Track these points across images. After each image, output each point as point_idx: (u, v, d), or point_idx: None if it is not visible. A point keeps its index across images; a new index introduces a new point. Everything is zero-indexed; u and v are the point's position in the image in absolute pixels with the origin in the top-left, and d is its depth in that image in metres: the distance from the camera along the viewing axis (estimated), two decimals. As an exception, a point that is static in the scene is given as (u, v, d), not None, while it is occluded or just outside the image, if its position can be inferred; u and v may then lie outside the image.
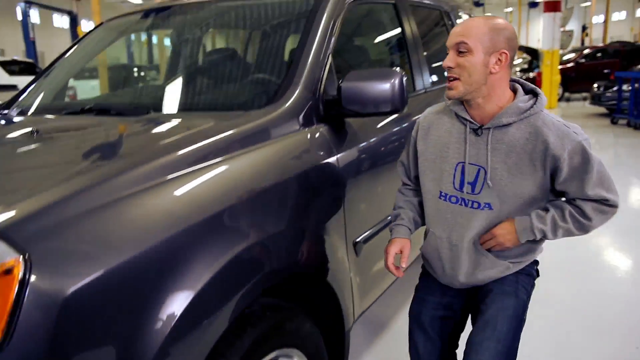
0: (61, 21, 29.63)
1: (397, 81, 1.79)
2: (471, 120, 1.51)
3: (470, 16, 3.30)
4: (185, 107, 2.01)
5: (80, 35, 3.52)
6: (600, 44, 23.99)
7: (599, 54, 14.65)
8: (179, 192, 1.23)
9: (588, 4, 33.92)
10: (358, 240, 1.92)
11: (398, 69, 1.86)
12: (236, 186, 1.35)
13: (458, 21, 3.48)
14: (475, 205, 1.53)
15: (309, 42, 1.92)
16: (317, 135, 1.77)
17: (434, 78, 2.90)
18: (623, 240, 3.99)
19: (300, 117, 1.74)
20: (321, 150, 1.75)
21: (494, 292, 1.57)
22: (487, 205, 1.51)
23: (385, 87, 1.79)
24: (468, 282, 1.62)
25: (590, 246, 3.87)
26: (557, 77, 13.12)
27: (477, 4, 30.83)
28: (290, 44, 2.13)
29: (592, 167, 1.44)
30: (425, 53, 2.81)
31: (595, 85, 11.24)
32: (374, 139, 2.09)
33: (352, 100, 1.80)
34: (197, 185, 1.28)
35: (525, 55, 15.67)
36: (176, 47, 2.66)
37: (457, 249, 1.58)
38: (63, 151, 1.50)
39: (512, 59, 1.46)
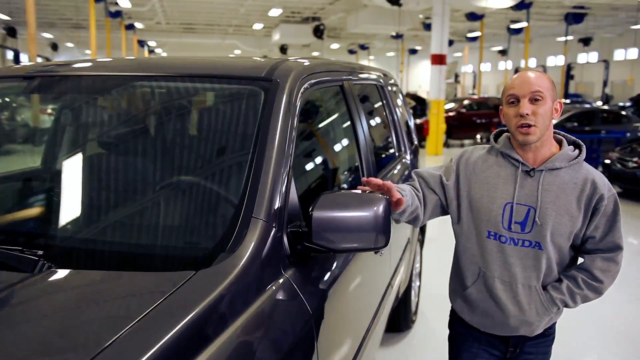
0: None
1: (381, 209, 1.42)
2: (524, 162, 1.62)
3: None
4: (94, 258, 1.39)
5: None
6: (473, 94, 26.17)
7: (476, 106, 15.80)
8: None
9: (459, 54, 37.10)
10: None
11: (380, 194, 1.49)
12: None
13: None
14: (527, 243, 1.62)
15: (266, 153, 1.48)
16: (284, 292, 1.31)
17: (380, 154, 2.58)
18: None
19: (264, 270, 1.28)
20: (290, 317, 1.30)
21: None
22: (537, 244, 1.61)
23: (367, 215, 1.40)
24: (516, 327, 1.68)
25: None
26: (443, 126, 13.83)
27: (363, 48, 32.34)
28: (233, 151, 1.66)
29: (620, 217, 1.63)
30: (372, 137, 2.49)
31: (479, 135, 11.95)
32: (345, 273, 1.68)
33: (325, 235, 1.39)
34: None
35: (411, 101, 16.44)
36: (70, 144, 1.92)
37: (510, 288, 1.65)
38: None
39: None
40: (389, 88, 3.34)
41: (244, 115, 1.69)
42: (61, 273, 1.21)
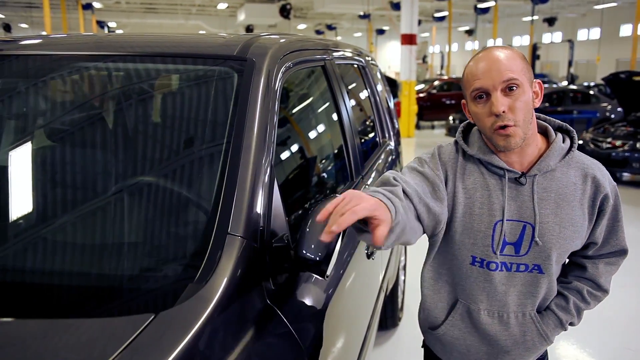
0: None
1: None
2: (510, 169, 1.25)
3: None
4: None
5: None
6: (442, 75, 26.20)
7: (445, 86, 15.67)
8: None
9: (427, 34, 37.00)
10: None
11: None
12: None
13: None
14: (522, 268, 1.28)
15: (243, 150, 1.19)
16: (271, 328, 1.04)
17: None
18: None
19: (244, 303, 1.00)
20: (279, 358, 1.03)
21: None
22: (536, 268, 1.28)
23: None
24: None
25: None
26: (415, 107, 13.66)
27: (330, 28, 31.86)
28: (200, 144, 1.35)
29: (621, 212, 1.33)
30: (358, 124, 2.21)
31: (451, 117, 11.82)
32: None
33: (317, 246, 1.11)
34: None
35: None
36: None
37: (500, 319, 1.32)
38: None
39: None
40: (370, 66, 3.07)
41: (213, 101, 1.39)
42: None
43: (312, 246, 1.06)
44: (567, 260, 1.41)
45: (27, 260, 1.12)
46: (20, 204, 1.24)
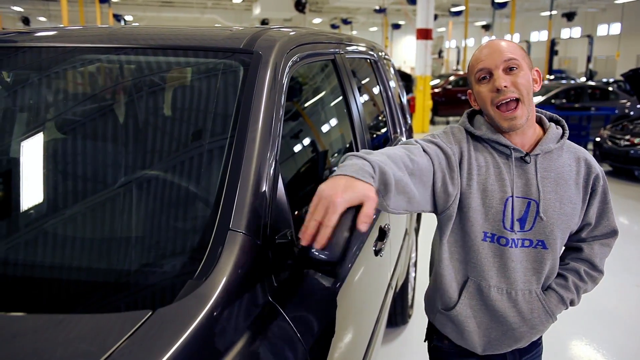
0: None
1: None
2: (516, 147, 1.34)
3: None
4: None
5: None
6: (458, 70, 25.96)
7: (461, 82, 15.50)
8: None
9: (443, 29, 36.65)
10: None
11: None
12: None
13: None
14: (527, 243, 1.36)
15: (247, 144, 1.17)
16: (273, 328, 1.02)
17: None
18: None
19: (246, 301, 0.98)
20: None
21: None
22: (540, 243, 1.36)
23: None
24: (518, 339, 1.43)
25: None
26: (429, 102, 13.55)
27: (346, 22, 31.71)
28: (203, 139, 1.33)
29: (609, 194, 1.44)
30: (368, 118, 2.18)
31: (467, 112, 11.69)
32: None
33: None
34: None
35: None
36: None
37: (509, 296, 1.39)
38: None
39: None
40: (383, 61, 3.03)
41: (218, 95, 1.37)
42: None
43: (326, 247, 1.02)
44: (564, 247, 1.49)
45: (23, 254, 1.12)
46: (23, 196, 1.24)
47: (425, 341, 1.66)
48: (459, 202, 1.34)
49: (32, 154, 1.34)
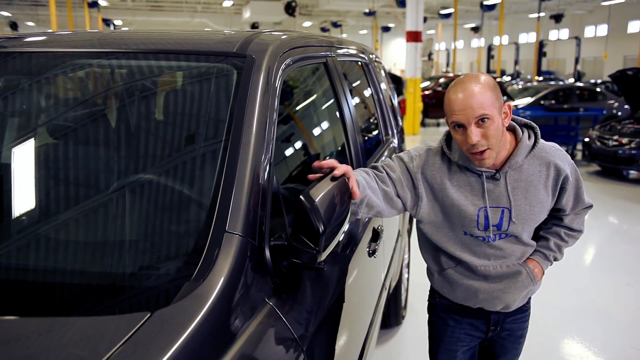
0: None
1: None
2: (485, 170, 1.53)
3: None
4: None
5: None
6: (448, 72, 26.07)
7: (451, 84, 15.57)
8: None
9: (432, 31, 36.82)
10: None
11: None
12: None
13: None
14: (503, 236, 1.59)
15: (242, 147, 1.18)
16: (270, 328, 1.03)
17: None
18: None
19: (242, 303, 0.99)
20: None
21: (511, 338, 1.76)
22: (513, 236, 1.59)
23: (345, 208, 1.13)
24: (503, 298, 1.64)
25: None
26: (420, 105, 13.61)
27: (335, 25, 31.79)
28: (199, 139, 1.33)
29: (582, 183, 1.65)
30: (360, 121, 2.20)
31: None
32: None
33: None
34: None
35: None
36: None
37: (495, 269, 1.61)
38: None
39: None
40: (374, 64, 3.05)
41: (212, 99, 1.38)
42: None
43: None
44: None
45: (22, 257, 1.12)
46: (17, 201, 1.24)
47: (428, 313, 1.86)
48: (441, 208, 1.57)
49: (27, 160, 1.34)
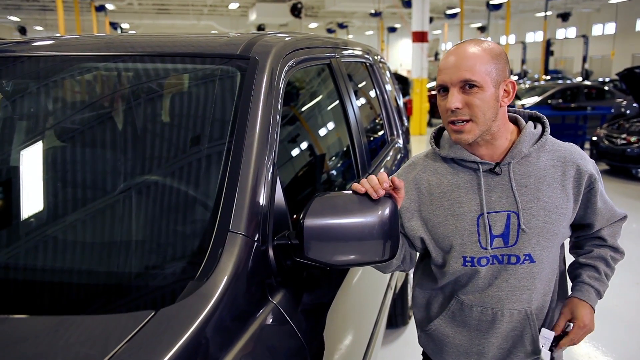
0: None
1: (387, 212, 1.14)
2: (482, 160, 1.26)
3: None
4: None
5: None
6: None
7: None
8: None
9: (439, 32, 36.80)
10: None
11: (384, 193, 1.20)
12: None
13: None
14: (514, 259, 1.26)
15: (245, 148, 1.20)
16: (273, 325, 1.04)
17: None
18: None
19: (246, 301, 1.00)
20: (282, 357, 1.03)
21: None
22: (527, 258, 1.25)
23: (371, 221, 1.13)
24: None
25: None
26: (426, 105, 13.59)
27: (342, 26, 31.80)
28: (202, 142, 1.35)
29: (603, 186, 1.35)
30: (365, 122, 2.21)
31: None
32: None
33: (319, 248, 1.11)
34: None
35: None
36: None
37: (494, 317, 1.29)
38: None
39: None
40: (379, 65, 3.06)
41: (216, 100, 1.39)
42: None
43: (315, 249, 1.09)
44: (574, 239, 1.44)
45: (32, 258, 1.14)
46: (26, 203, 1.27)
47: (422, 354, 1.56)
48: (433, 235, 1.31)
49: (36, 162, 1.37)
